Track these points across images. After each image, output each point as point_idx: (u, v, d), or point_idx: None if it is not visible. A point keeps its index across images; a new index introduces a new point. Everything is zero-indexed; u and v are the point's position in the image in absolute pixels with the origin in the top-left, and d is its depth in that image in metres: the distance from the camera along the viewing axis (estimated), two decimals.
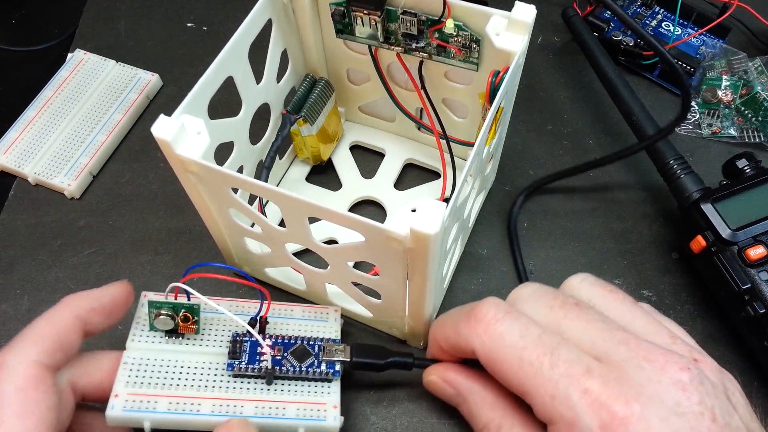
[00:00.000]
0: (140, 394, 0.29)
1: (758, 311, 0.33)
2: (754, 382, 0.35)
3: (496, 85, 0.32)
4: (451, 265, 0.38)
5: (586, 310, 0.27)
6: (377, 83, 0.39)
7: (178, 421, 0.29)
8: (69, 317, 0.28)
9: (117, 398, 0.29)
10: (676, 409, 0.23)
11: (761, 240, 0.34)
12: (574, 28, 0.45)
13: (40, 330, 0.27)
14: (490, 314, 0.27)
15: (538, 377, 0.25)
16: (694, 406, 0.24)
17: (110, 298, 0.30)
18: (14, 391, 0.25)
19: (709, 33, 0.47)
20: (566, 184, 0.42)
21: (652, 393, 0.24)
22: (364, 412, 0.34)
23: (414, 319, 0.33)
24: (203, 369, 0.31)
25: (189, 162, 0.28)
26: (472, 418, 0.30)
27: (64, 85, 0.46)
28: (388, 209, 0.41)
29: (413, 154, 0.43)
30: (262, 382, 0.31)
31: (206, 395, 0.30)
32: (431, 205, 0.25)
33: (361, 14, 0.34)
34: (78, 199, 0.42)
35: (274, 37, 0.35)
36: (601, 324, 0.26)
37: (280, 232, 0.31)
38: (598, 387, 0.24)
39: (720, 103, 0.44)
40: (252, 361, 0.31)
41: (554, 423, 0.25)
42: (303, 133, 0.39)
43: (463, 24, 0.33)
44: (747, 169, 0.37)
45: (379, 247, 0.27)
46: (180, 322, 0.31)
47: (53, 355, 0.27)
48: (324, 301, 0.36)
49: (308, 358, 0.31)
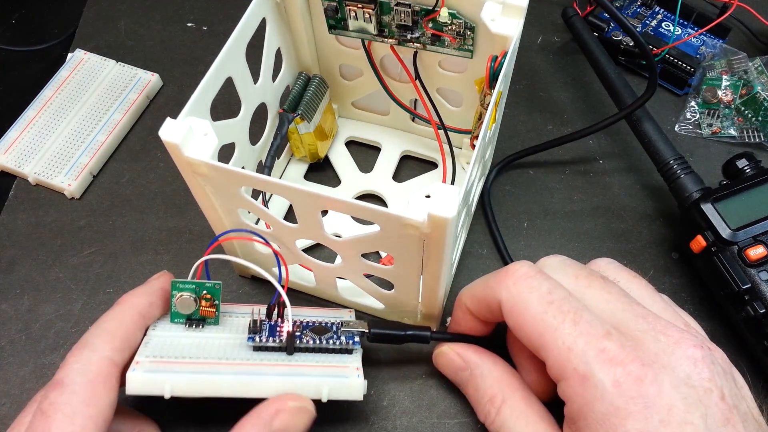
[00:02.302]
0: (162, 361, 0.29)
1: (758, 311, 0.33)
2: (754, 382, 0.35)
3: (495, 69, 0.32)
4: (458, 251, 0.38)
5: (610, 283, 0.28)
6: (370, 77, 0.39)
7: (200, 385, 0.28)
8: (133, 315, 0.29)
9: (139, 363, 0.28)
10: (687, 380, 0.24)
11: (761, 240, 0.34)
12: (574, 28, 0.45)
13: (111, 328, 0.29)
14: (522, 270, 0.28)
15: (558, 330, 0.26)
16: (704, 381, 0.24)
17: (161, 291, 0.31)
18: (85, 383, 0.26)
19: (709, 33, 0.47)
20: (566, 184, 0.42)
21: (665, 362, 0.24)
22: (363, 412, 0.34)
23: (427, 306, 0.34)
24: (224, 346, 0.30)
25: (198, 164, 0.28)
26: (477, 391, 0.31)
27: (64, 85, 0.46)
28: (389, 202, 0.41)
29: (409, 146, 0.43)
30: (283, 354, 0.31)
31: (228, 362, 0.29)
32: (445, 189, 0.26)
33: (355, 8, 0.34)
34: (78, 199, 0.42)
35: (269, 36, 0.35)
36: (623, 298, 0.27)
37: (292, 229, 0.31)
38: (615, 348, 0.25)
39: (720, 103, 0.44)
40: (272, 333, 0.31)
41: (566, 378, 0.25)
42: (300, 131, 0.39)
43: (457, 12, 0.33)
44: (747, 169, 0.37)
45: (395, 235, 0.27)
46: (202, 303, 0.31)
47: (123, 352, 0.28)
48: (334, 297, 0.37)
49: (327, 333, 0.31)
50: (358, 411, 0.34)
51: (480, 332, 0.32)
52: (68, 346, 0.36)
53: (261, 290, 0.38)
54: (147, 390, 0.28)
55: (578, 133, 0.41)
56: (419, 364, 0.35)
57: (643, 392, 0.24)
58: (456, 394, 0.34)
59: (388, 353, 0.36)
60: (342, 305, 0.37)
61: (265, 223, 0.32)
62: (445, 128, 0.39)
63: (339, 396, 0.29)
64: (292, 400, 0.28)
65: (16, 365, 0.36)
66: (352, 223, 0.40)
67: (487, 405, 0.30)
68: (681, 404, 0.23)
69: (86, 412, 0.26)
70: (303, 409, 0.28)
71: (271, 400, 0.28)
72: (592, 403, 0.24)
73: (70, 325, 0.37)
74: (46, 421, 0.25)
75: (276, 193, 0.29)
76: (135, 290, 0.31)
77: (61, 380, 0.26)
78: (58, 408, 0.26)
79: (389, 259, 0.31)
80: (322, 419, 0.30)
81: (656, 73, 0.35)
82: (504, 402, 0.29)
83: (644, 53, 0.36)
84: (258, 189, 0.29)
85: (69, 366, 0.27)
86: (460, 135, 0.41)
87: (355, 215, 0.28)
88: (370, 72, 0.39)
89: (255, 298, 0.38)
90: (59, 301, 0.38)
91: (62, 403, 0.26)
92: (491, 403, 0.30)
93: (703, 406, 0.24)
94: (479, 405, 0.31)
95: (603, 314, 0.27)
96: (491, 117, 0.31)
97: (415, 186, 0.42)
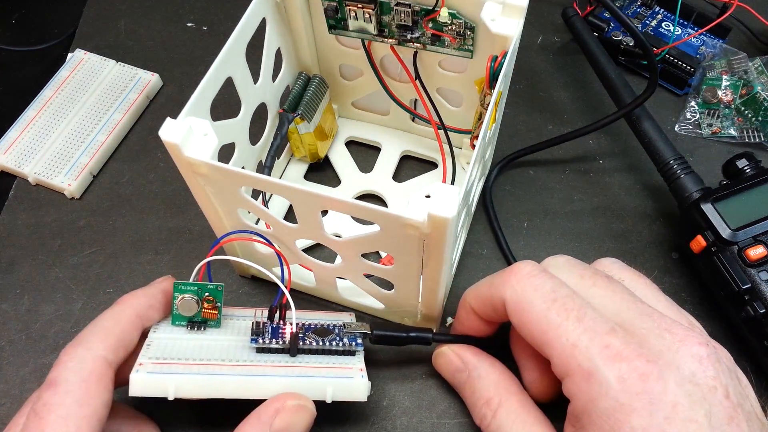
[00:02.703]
0: (165, 363, 0.29)
1: (758, 311, 0.33)
2: (754, 382, 0.35)
3: (495, 69, 0.32)
4: (458, 251, 0.38)
5: (615, 283, 0.28)
6: (370, 77, 0.39)
7: (204, 386, 0.28)
8: (131, 315, 0.29)
9: (142, 365, 0.28)
10: (691, 378, 0.24)
11: (761, 240, 0.34)
12: (574, 28, 0.45)
13: (108, 327, 0.28)
14: (526, 269, 0.28)
15: (562, 327, 0.26)
16: (709, 379, 0.24)
17: (162, 295, 0.31)
18: (78, 381, 0.26)
19: (709, 33, 0.47)
20: (566, 184, 0.42)
21: (670, 360, 0.24)
22: (363, 412, 0.34)
23: (427, 306, 0.34)
24: (227, 348, 0.30)
25: (199, 164, 0.28)
26: (474, 393, 0.31)
27: (64, 85, 0.46)
28: (389, 202, 0.41)
29: (409, 146, 0.43)
30: (286, 355, 0.31)
31: (232, 364, 0.29)
32: (445, 189, 0.26)
33: (355, 8, 0.34)
34: (78, 199, 0.42)
35: (269, 36, 0.35)
36: (627, 296, 0.27)
37: (292, 229, 0.31)
38: (620, 344, 0.25)
39: (720, 103, 0.44)
40: (275, 335, 0.31)
41: (571, 375, 0.25)
42: (300, 131, 0.39)
43: (457, 12, 0.33)
44: (747, 169, 0.37)
45: (396, 235, 0.27)
46: (204, 305, 0.31)
47: (117, 352, 0.28)
48: (334, 297, 0.37)
49: (329, 335, 0.31)
50: (359, 411, 0.34)
51: (484, 332, 0.32)
52: None
53: (261, 290, 0.38)
54: (151, 391, 0.28)
55: (580, 131, 0.41)
56: (419, 364, 0.35)
57: (647, 389, 0.24)
58: (456, 395, 0.34)
59: (388, 353, 0.36)
60: (341, 306, 0.37)
61: (265, 223, 0.32)
62: (445, 128, 0.39)
63: (343, 397, 0.29)
64: (292, 398, 0.28)
65: (16, 365, 0.36)
66: (351, 223, 0.40)
67: (483, 408, 0.30)
68: (685, 401, 0.23)
69: (80, 412, 0.26)
70: (303, 407, 0.28)
71: (270, 400, 0.28)
72: (596, 400, 0.24)
73: (70, 325, 0.37)
74: (39, 423, 0.25)
75: (277, 193, 0.29)
76: (136, 291, 0.31)
77: (55, 380, 0.26)
78: (51, 409, 0.25)
79: (389, 259, 0.31)
80: (322, 420, 0.30)
81: (657, 70, 0.35)
82: (500, 405, 0.29)
83: (643, 49, 0.36)
84: (258, 189, 0.29)
85: (63, 364, 0.27)
86: (459, 135, 0.41)
87: (355, 215, 0.28)
88: (370, 72, 0.39)
89: (255, 298, 0.38)
90: (59, 301, 0.38)
91: (56, 404, 0.26)
92: (487, 406, 0.30)
93: (707, 403, 0.24)
94: (475, 407, 0.31)
95: (607, 312, 0.27)
96: (491, 117, 0.31)
97: (415, 186, 0.42)
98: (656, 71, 0.36)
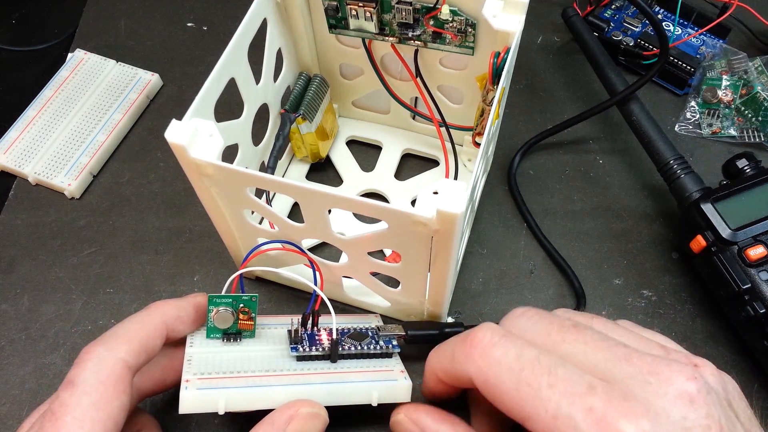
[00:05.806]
0: (211, 378, 0.28)
1: (758, 311, 0.33)
2: (754, 382, 0.35)
3: (498, 65, 0.32)
4: (462, 248, 0.38)
5: (584, 330, 0.26)
6: (371, 76, 0.39)
7: (254, 398, 0.28)
8: (158, 322, 0.29)
9: (189, 382, 0.28)
10: (683, 423, 0.23)
11: (761, 240, 0.34)
12: (574, 28, 0.45)
13: (132, 330, 0.28)
14: (486, 339, 0.26)
15: (537, 399, 0.24)
16: (702, 419, 0.23)
17: (194, 309, 0.31)
18: (96, 383, 0.26)
19: (709, 33, 0.47)
20: (566, 184, 0.42)
21: (658, 409, 0.23)
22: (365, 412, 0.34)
23: (434, 303, 0.34)
24: (267, 358, 0.30)
25: (205, 165, 0.28)
26: None
27: (64, 85, 0.46)
28: (392, 200, 0.41)
29: (410, 144, 0.43)
30: (326, 362, 0.31)
31: (276, 374, 0.29)
32: (452, 185, 0.26)
33: (356, 7, 0.34)
34: (78, 199, 0.42)
35: (270, 36, 0.35)
36: (601, 342, 0.26)
37: (298, 228, 0.31)
38: (603, 404, 0.23)
39: (720, 103, 0.44)
40: (312, 342, 0.31)
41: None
42: (302, 131, 0.39)
43: (458, 9, 0.33)
44: (747, 169, 0.37)
45: (404, 232, 0.28)
46: (240, 316, 0.31)
47: (138, 356, 0.28)
48: (340, 296, 0.37)
49: (365, 339, 0.32)
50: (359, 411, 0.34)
51: (454, 395, 0.31)
52: (68, 346, 0.37)
53: (261, 290, 0.38)
54: (201, 407, 0.28)
55: (594, 110, 0.42)
56: (419, 364, 0.35)
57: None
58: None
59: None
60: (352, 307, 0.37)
61: (269, 223, 0.32)
62: (447, 125, 0.39)
63: (388, 399, 0.30)
64: (305, 406, 0.28)
65: (16, 365, 0.36)
66: (354, 222, 0.40)
67: None
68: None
69: (96, 415, 0.25)
70: (316, 415, 0.28)
71: (283, 406, 0.28)
72: None
73: (70, 325, 0.37)
74: (55, 423, 0.25)
75: (284, 193, 0.29)
76: (168, 300, 0.30)
77: (73, 380, 0.26)
78: (67, 410, 0.25)
79: (395, 256, 0.31)
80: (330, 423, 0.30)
81: (667, 42, 0.35)
82: None
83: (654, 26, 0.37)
84: (265, 189, 0.30)
85: (82, 364, 0.26)
86: (461, 132, 0.41)
87: (364, 213, 0.28)
88: (370, 71, 0.39)
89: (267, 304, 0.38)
90: (59, 301, 0.38)
91: (72, 405, 0.25)
92: None
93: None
94: None
95: (585, 365, 0.25)
96: (495, 113, 0.31)
97: (417, 184, 0.42)
98: (666, 42, 0.36)
